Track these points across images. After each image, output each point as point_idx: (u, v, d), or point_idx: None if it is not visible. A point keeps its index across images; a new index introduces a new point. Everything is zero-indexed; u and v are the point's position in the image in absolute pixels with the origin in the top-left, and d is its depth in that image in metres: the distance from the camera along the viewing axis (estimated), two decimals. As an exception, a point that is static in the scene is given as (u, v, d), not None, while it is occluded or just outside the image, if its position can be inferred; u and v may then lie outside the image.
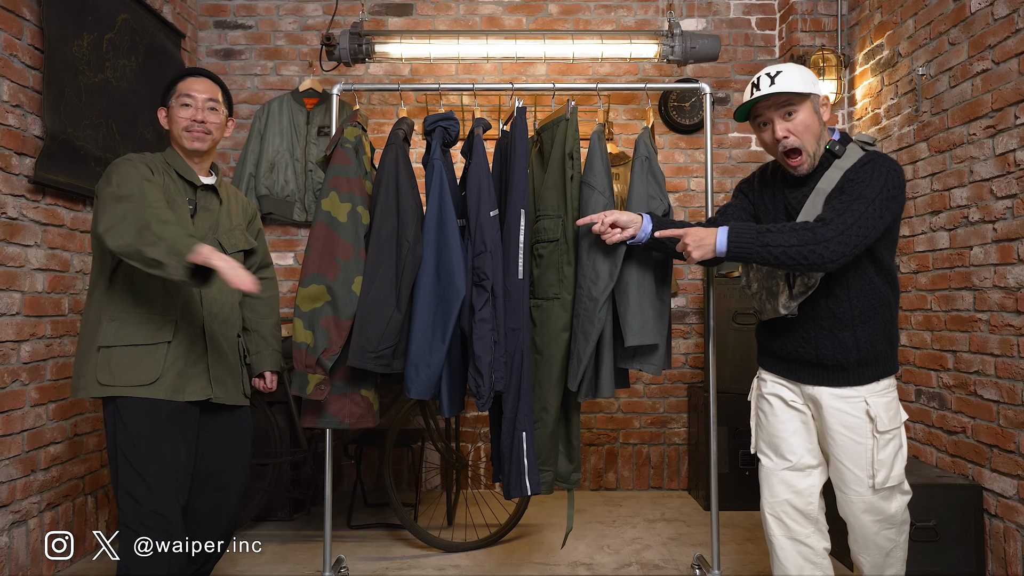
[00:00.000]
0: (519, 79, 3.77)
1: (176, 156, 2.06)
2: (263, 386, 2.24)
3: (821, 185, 1.82)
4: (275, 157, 3.56)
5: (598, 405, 3.75)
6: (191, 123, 2.02)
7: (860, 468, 1.81)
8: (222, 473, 2.05)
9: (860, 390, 1.83)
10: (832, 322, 1.83)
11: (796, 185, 1.90)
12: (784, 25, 3.73)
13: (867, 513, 1.84)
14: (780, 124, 1.82)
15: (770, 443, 1.98)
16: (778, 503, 1.94)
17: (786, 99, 1.81)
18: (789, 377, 1.93)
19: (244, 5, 3.76)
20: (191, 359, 1.96)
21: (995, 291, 2.49)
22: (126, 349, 1.89)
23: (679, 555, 2.80)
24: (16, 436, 2.40)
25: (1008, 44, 2.42)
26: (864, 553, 1.90)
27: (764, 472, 1.99)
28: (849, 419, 1.82)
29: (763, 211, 2.00)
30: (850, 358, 1.82)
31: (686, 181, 3.81)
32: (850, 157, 1.82)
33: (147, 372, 1.89)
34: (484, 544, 2.88)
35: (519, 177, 2.22)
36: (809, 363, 1.87)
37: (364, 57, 3.08)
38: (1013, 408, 2.39)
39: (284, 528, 3.11)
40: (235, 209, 2.19)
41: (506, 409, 2.18)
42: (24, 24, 2.45)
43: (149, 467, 1.86)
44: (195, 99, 2.03)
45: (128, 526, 1.83)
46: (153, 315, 1.93)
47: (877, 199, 1.71)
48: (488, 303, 2.15)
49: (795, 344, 1.89)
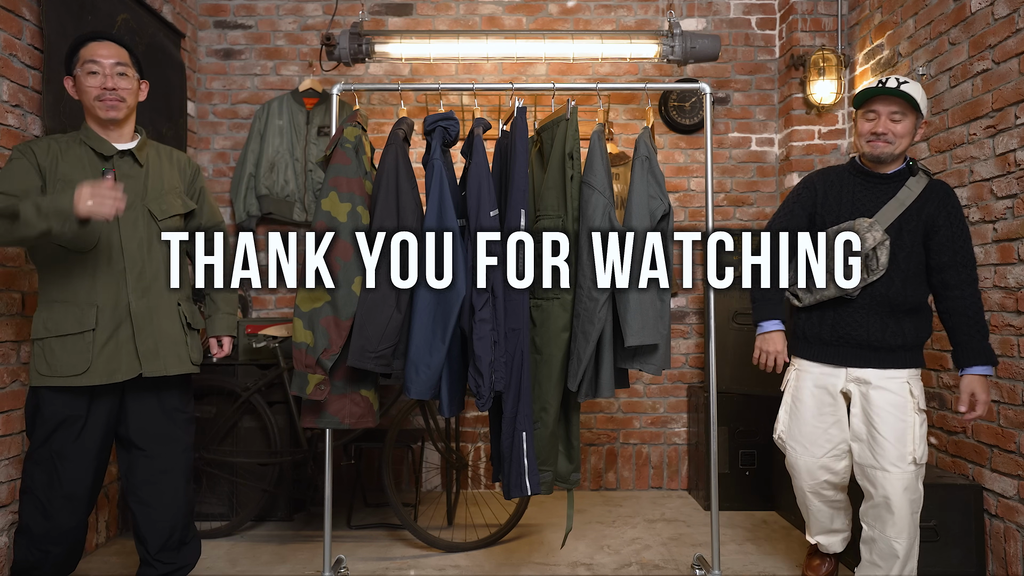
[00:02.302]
0: (519, 79, 3.77)
1: (89, 130, 2.01)
2: (216, 352, 2.24)
3: (901, 197, 2.12)
4: (275, 157, 3.56)
5: (598, 405, 3.75)
6: (102, 91, 1.96)
7: (904, 443, 2.04)
8: (154, 456, 2.11)
9: (903, 372, 2.10)
10: (888, 309, 2.10)
11: (868, 185, 2.18)
12: (784, 25, 3.73)
13: (907, 491, 2.05)
14: (886, 121, 2.10)
15: (808, 436, 2.22)
16: (818, 484, 2.25)
17: (902, 106, 2.09)
18: (836, 361, 2.17)
19: (244, 5, 3.76)
20: (120, 340, 1.98)
21: (995, 291, 2.49)
22: (57, 340, 1.93)
23: (679, 555, 2.80)
24: (16, 436, 2.39)
25: (1008, 44, 2.42)
26: (900, 537, 2.06)
27: (803, 461, 2.24)
28: (895, 398, 2.08)
29: (826, 208, 2.24)
30: (898, 342, 2.10)
31: (686, 181, 3.81)
32: (921, 179, 2.13)
33: (78, 361, 1.93)
34: (484, 544, 2.88)
35: (519, 177, 2.21)
36: (860, 345, 2.12)
37: (364, 57, 3.08)
38: (1013, 408, 2.38)
39: (284, 528, 3.11)
40: (167, 171, 2.13)
41: (506, 409, 2.18)
42: (24, 24, 2.45)
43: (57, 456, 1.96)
44: (102, 65, 1.96)
45: (31, 505, 1.97)
46: (77, 301, 1.94)
47: (970, 238, 2.12)
48: (488, 303, 2.15)
49: (849, 327, 2.14)
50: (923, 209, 2.10)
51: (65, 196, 1.78)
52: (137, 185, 2.04)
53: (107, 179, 1.86)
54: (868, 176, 2.19)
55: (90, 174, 1.98)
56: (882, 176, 2.17)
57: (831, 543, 2.38)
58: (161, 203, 2.07)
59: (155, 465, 2.12)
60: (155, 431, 2.11)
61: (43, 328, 1.94)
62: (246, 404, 3.03)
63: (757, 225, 3.79)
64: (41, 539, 1.98)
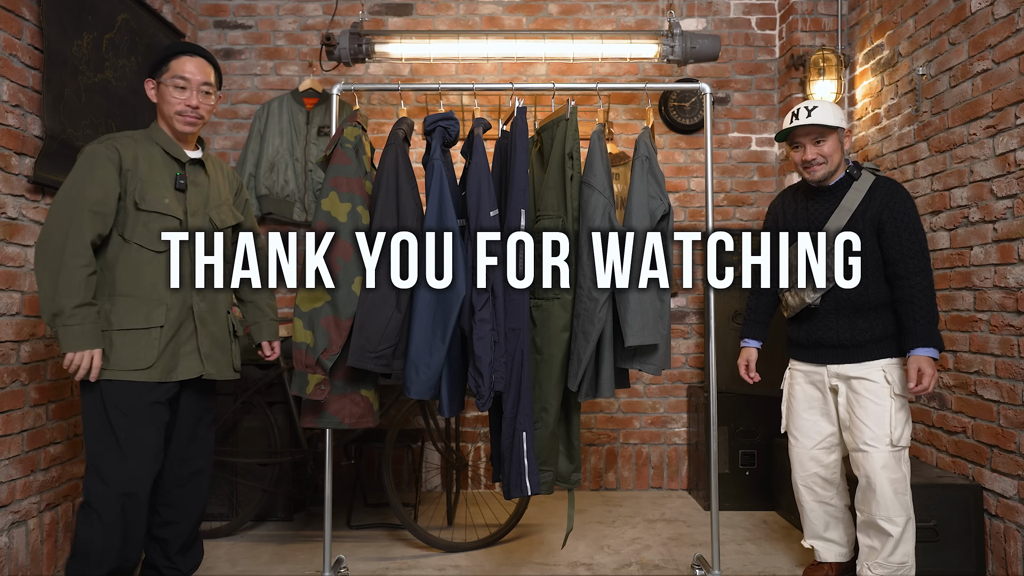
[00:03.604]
0: (519, 79, 3.77)
1: (162, 133, 2.06)
2: (265, 356, 2.32)
3: (845, 203, 2.28)
4: (275, 157, 3.56)
5: (598, 405, 3.75)
6: (185, 108, 2.02)
7: (880, 426, 2.19)
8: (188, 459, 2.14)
9: (877, 363, 2.25)
10: (852, 309, 2.27)
11: (817, 199, 2.37)
12: (784, 25, 3.73)
13: (885, 469, 2.18)
14: (811, 148, 2.30)
15: (801, 428, 2.41)
16: (808, 476, 2.41)
17: (819, 131, 2.28)
18: (816, 361, 2.36)
19: (244, 5, 3.76)
20: (181, 339, 2.01)
21: (995, 291, 2.49)
22: (119, 333, 1.93)
23: (679, 555, 2.80)
24: (16, 436, 2.39)
25: (1008, 44, 2.42)
26: (888, 517, 2.18)
27: (796, 451, 2.43)
28: (873, 385, 2.23)
29: (786, 225, 2.45)
30: (867, 337, 2.25)
31: (686, 181, 3.81)
32: (865, 180, 2.29)
33: (143, 356, 1.94)
34: (484, 544, 2.88)
35: (519, 177, 2.21)
36: (833, 345, 2.30)
37: (364, 57, 3.08)
38: (1013, 408, 2.38)
39: (284, 528, 3.11)
40: (222, 182, 2.20)
41: (506, 409, 2.18)
42: (24, 24, 2.45)
43: (131, 448, 1.94)
44: (190, 82, 2.02)
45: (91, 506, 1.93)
46: (144, 299, 1.96)
47: (918, 228, 2.23)
48: (488, 303, 2.15)
49: (819, 331, 2.32)
50: (867, 210, 2.26)
51: (70, 340, 1.86)
52: (203, 193, 2.10)
53: None
54: (816, 192, 2.38)
55: (167, 177, 2.04)
56: (828, 188, 2.35)
57: (825, 551, 2.45)
58: (220, 213, 2.13)
59: (188, 467, 2.15)
60: (193, 433, 2.15)
61: (105, 321, 1.94)
62: (246, 404, 3.03)
63: (757, 225, 3.79)
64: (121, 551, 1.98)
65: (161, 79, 2.03)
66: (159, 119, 2.09)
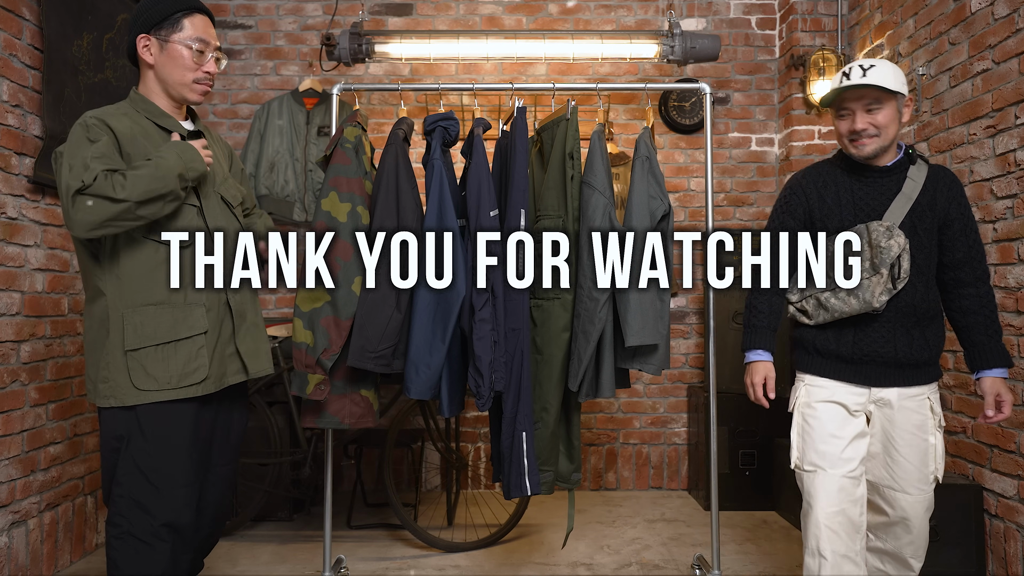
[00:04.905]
0: (519, 79, 3.77)
1: (150, 104, 1.73)
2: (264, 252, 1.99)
3: (907, 191, 1.86)
4: (275, 157, 3.56)
5: (598, 405, 3.75)
6: (203, 75, 1.75)
7: (926, 465, 1.88)
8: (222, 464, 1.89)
9: (924, 389, 1.90)
10: (914, 320, 1.86)
11: (866, 181, 1.90)
12: (784, 25, 3.73)
13: (927, 511, 1.90)
14: (862, 117, 1.83)
15: (825, 453, 1.87)
16: (836, 513, 1.83)
17: (875, 94, 1.82)
18: (858, 381, 1.88)
19: (244, 5, 3.76)
20: (223, 340, 1.74)
21: (995, 291, 2.48)
22: (154, 349, 1.63)
23: (679, 555, 2.80)
24: (16, 436, 2.39)
25: (1008, 44, 2.42)
26: (918, 555, 1.95)
27: (819, 481, 1.86)
28: (917, 417, 1.88)
29: (825, 211, 1.94)
30: (924, 356, 1.87)
31: (686, 181, 3.81)
32: (921, 168, 1.89)
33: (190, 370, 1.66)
34: (484, 544, 2.88)
35: (519, 177, 2.21)
36: (886, 363, 1.86)
37: (364, 57, 3.08)
38: (1013, 408, 2.38)
39: (284, 528, 3.11)
40: (221, 155, 1.92)
41: (506, 409, 2.18)
42: (24, 24, 2.45)
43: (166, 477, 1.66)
44: (209, 46, 1.74)
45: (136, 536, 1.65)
46: (175, 302, 1.66)
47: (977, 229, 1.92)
48: (488, 303, 2.15)
49: (874, 344, 1.86)
50: (935, 202, 1.86)
51: (169, 151, 1.61)
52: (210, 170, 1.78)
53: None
54: (864, 171, 1.90)
55: None
56: (880, 169, 1.88)
57: None
58: (228, 188, 1.84)
59: (221, 472, 1.89)
60: (228, 436, 1.90)
61: (135, 336, 1.62)
62: (246, 404, 3.02)
63: (757, 225, 3.79)
64: None
65: (170, 38, 1.70)
66: (149, 84, 1.74)
